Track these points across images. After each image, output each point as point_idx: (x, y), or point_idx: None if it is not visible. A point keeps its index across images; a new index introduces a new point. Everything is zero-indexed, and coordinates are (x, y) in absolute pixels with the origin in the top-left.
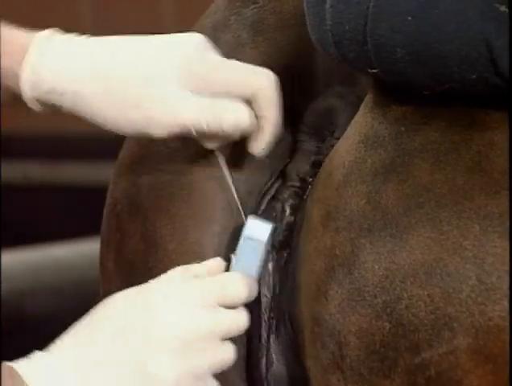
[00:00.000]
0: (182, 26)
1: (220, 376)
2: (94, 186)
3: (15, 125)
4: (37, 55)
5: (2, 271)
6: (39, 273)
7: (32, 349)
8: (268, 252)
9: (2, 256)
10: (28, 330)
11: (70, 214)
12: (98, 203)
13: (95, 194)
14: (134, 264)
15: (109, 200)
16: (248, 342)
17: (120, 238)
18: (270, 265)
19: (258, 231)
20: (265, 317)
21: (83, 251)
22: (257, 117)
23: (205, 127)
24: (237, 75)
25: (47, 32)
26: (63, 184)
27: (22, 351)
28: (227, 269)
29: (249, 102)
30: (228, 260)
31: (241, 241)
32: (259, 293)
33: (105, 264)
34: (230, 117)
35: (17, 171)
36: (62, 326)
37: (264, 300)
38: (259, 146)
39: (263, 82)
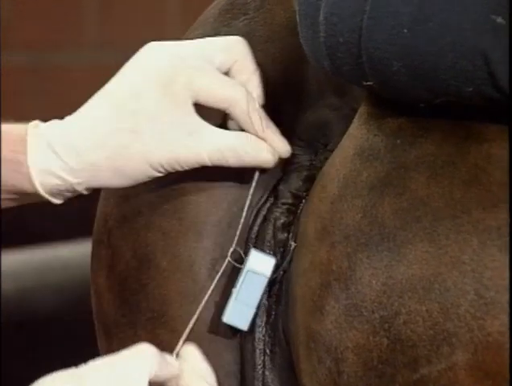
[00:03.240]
0: (186, 26)
1: None
2: None
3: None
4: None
5: (3, 271)
6: (40, 273)
7: (32, 349)
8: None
9: (3, 256)
10: (28, 329)
11: (71, 213)
12: None
13: (97, 193)
14: (126, 281)
15: (99, 215)
16: (242, 371)
17: (112, 254)
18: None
19: (260, 265)
20: (259, 346)
21: (85, 251)
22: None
23: (225, 164)
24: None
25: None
26: None
27: (22, 351)
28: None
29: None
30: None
31: (243, 274)
32: (254, 323)
33: (96, 280)
34: (253, 160)
35: None
36: (63, 326)
37: (258, 329)
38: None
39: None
